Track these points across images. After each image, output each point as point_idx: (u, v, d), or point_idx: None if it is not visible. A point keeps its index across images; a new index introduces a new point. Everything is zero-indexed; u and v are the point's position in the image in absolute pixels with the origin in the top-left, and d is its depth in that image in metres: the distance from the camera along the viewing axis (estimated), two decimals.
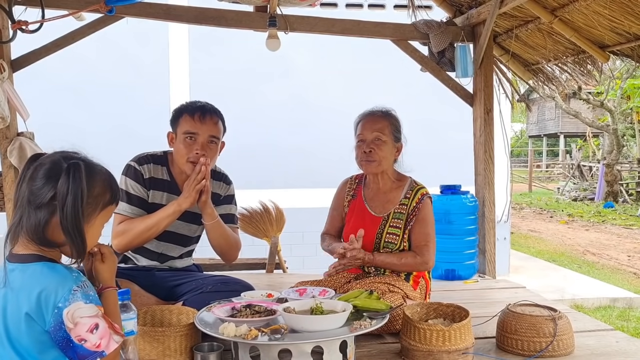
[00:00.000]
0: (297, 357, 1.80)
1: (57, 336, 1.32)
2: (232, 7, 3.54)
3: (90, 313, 1.35)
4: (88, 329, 1.34)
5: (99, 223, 1.49)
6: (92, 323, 1.35)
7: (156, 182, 2.52)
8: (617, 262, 8.47)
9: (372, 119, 2.67)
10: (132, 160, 2.53)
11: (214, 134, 2.47)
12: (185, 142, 2.43)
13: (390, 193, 2.72)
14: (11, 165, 3.29)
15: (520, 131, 37.15)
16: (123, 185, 2.46)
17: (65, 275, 1.38)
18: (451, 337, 2.00)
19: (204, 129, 2.44)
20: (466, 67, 3.77)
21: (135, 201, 2.45)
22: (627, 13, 3.04)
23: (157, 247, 2.58)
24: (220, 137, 2.52)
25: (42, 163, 1.43)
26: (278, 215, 4.30)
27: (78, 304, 1.34)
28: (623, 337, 2.36)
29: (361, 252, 2.50)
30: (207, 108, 2.50)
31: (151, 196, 2.51)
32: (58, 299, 1.32)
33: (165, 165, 2.56)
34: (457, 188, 3.77)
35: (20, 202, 1.42)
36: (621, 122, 17.82)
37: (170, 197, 2.49)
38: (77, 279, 1.39)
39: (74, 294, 1.34)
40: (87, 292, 1.38)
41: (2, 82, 3.13)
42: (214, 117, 2.49)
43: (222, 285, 2.47)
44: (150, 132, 2.99)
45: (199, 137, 2.43)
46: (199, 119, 2.44)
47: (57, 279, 1.36)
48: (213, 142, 2.48)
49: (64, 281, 1.36)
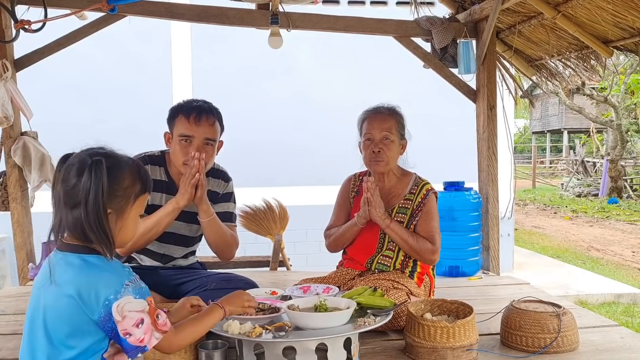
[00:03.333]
0: (302, 354, 1.80)
1: (106, 327, 1.37)
2: (234, 5, 3.54)
3: (138, 307, 1.39)
4: (134, 323, 1.38)
5: (134, 214, 1.51)
6: (139, 318, 1.39)
7: (154, 183, 2.47)
8: (621, 257, 8.45)
9: (380, 117, 2.67)
10: None
11: (210, 137, 2.43)
12: (180, 145, 2.41)
13: (394, 188, 2.73)
14: (15, 165, 3.30)
15: (523, 127, 37.05)
16: None
17: (118, 270, 1.43)
18: (455, 334, 1.99)
19: (199, 132, 2.40)
20: (469, 63, 3.76)
21: None
22: (630, 8, 3.02)
23: (160, 248, 2.58)
24: (216, 138, 2.48)
25: (72, 163, 1.45)
26: (281, 213, 4.31)
27: (128, 298, 1.38)
28: (628, 333, 2.36)
29: (382, 205, 2.55)
30: (203, 108, 2.44)
31: (150, 198, 2.48)
32: (110, 291, 1.36)
33: (162, 166, 2.54)
34: (460, 184, 3.77)
35: (57, 204, 1.45)
36: (625, 117, 17.73)
37: (168, 198, 2.47)
38: (130, 275, 1.43)
39: (125, 288, 1.38)
40: (138, 287, 1.42)
41: (5, 81, 3.14)
42: (210, 118, 2.44)
43: (225, 283, 2.47)
44: (153, 130, 2.98)
45: (194, 139, 2.40)
46: (195, 122, 2.39)
47: (110, 272, 1.41)
48: (209, 144, 2.44)
49: (117, 275, 1.40)
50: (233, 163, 2.87)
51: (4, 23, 3.24)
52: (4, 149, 3.32)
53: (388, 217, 2.58)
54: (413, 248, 2.57)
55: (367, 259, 2.65)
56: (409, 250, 2.58)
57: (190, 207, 2.47)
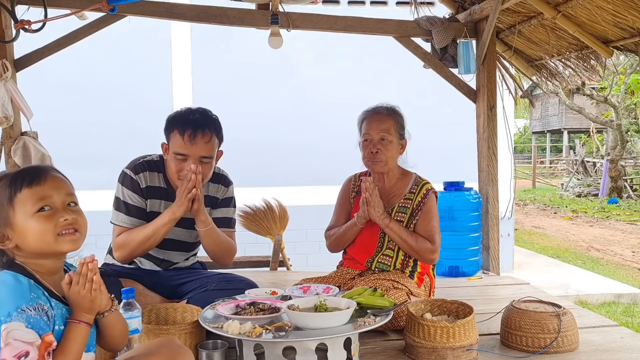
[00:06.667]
0: (302, 354, 1.80)
1: None
2: (234, 5, 3.54)
3: (26, 338, 1.24)
4: (16, 354, 1.23)
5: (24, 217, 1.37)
6: (23, 350, 1.24)
7: (153, 190, 2.46)
8: (621, 257, 8.45)
9: (378, 117, 2.67)
10: (127, 168, 2.45)
11: (206, 155, 2.35)
12: (175, 161, 2.35)
13: (394, 188, 2.73)
14: (15, 165, 3.30)
15: (523, 127, 37.04)
16: (120, 195, 2.41)
17: (19, 291, 1.30)
18: (455, 334, 2.00)
19: (194, 151, 2.31)
20: (469, 63, 3.77)
21: (133, 212, 2.40)
22: (630, 8, 3.03)
23: (159, 253, 2.55)
24: (214, 154, 2.40)
25: None
26: (281, 213, 4.31)
27: (19, 325, 1.24)
28: (628, 332, 2.36)
29: (381, 205, 2.56)
30: (199, 124, 2.33)
31: (149, 205, 2.46)
32: (2, 312, 1.25)
33: (161, 172, 2.49)
34: (460, 184, 3.77)
35: None
36: (625, 117, 17.73)
37: (167, 205, 2.42)
38: (34, 299, 1.30)
39: (19, 313, 1.25)
40: (35, 316, 1.28)
41: (5, 81, 3.14)
42: (206, 135, 2.33)
43: (226, 283, 2.47)
44: (153, 130, 2.97)
45: (189, 157, 2.33)
46: (189, 140, 2.30)
47: (9, 291, 1.30)
48: (206, 161, 2.37)
49: (16, 296, 1.28)
50: (233, 163, 2.86)
51: (4, 23, 3.23)
52: (4, 149, 3.32)
53: (387, 216, 2.58)
54: (412, 247, 2.57)
55: (367, 258, 2.65)
56: (408, 249, 2.58)
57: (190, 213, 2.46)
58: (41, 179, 1.40)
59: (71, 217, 1.41)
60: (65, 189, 1.45)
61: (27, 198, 1.38)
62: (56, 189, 1.42)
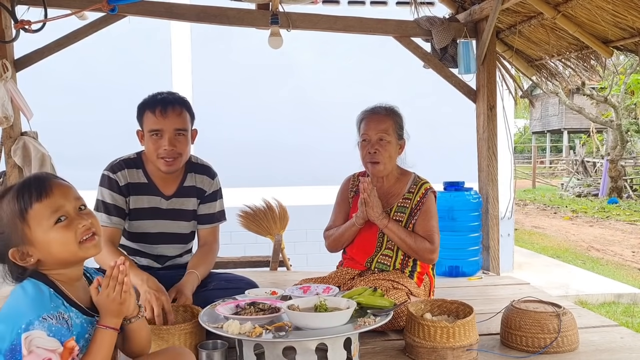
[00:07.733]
0: (302, 354, 1.80)
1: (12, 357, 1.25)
2: (234, 5, 3.54)
3: (48, 346, 1.27)
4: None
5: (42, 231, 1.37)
6: (46, 357, 1.27)
7: (135, 186, 2.47)
8: (621, 257, 8.45)
9: (376, 118, 2.67)
10: (105, 170, 2.47)
11: (179, 127, 2.38)
12: (152, 140, 2.38)
13: (393, 188, 2.73)
14: (15, 165, 3.30)
15: (523, 127, 37.03)
16: (99, 196, 2.43)
17: (41, 300, 1.33)
18: (455, 334, 2.00)
19: (167, 124, 2.35)
20: (469, 63, 3.77)
21: (112, 211, 2.41)
22: (630, 8, 3.03)
23: (152, 250, 2.55)
24: (187, 127, 2.42)
25: None
26: (281, 213, 4.31)
27: (40, 333, 1.27)
28: (628, 333, 2.36)
29: (380, 205, 2.56)
30: (168, 100, 2.40)
31: (133, 202, 2.46)
32: (24, 321, 1.27)
33: (140, 168, 2.50)
34: (460, 184, 3.77)
35: None
36: (625, 117, 17.73)
37: (151, 199, 2.45)
38: (54, 308, 1.33)
39: (41, 322, 1.28)
40: (57, 325, 1.30)
41: (5, 81, 3.14)
42: (177, 108, 2.38)
43: (226, 283, 2.47)
44: None
45: (164, 132, 2.36)
46: (161, 114, 2.35)
47: (30, 300, 1.32)
48: (180, 134, 2.39)
49: (37, 305, 1.31)
50: (233, 163, 2.87)
51: (4, 23, 3.24)
52: (4, 149, 3.32)
53: (386, 217, 2.58)
54: (411, 247, 2.57)
55: (367, 258, 2.65)
56: (407, 249, 2.58)
57: (173, 204, 2.48)
58: (48, 190, 1.39)
59: (88, 222, 1.42)
60: (72, 193, 1.44)
61: (40, 213, 1.37)
62: (65, 197, 1.41)
